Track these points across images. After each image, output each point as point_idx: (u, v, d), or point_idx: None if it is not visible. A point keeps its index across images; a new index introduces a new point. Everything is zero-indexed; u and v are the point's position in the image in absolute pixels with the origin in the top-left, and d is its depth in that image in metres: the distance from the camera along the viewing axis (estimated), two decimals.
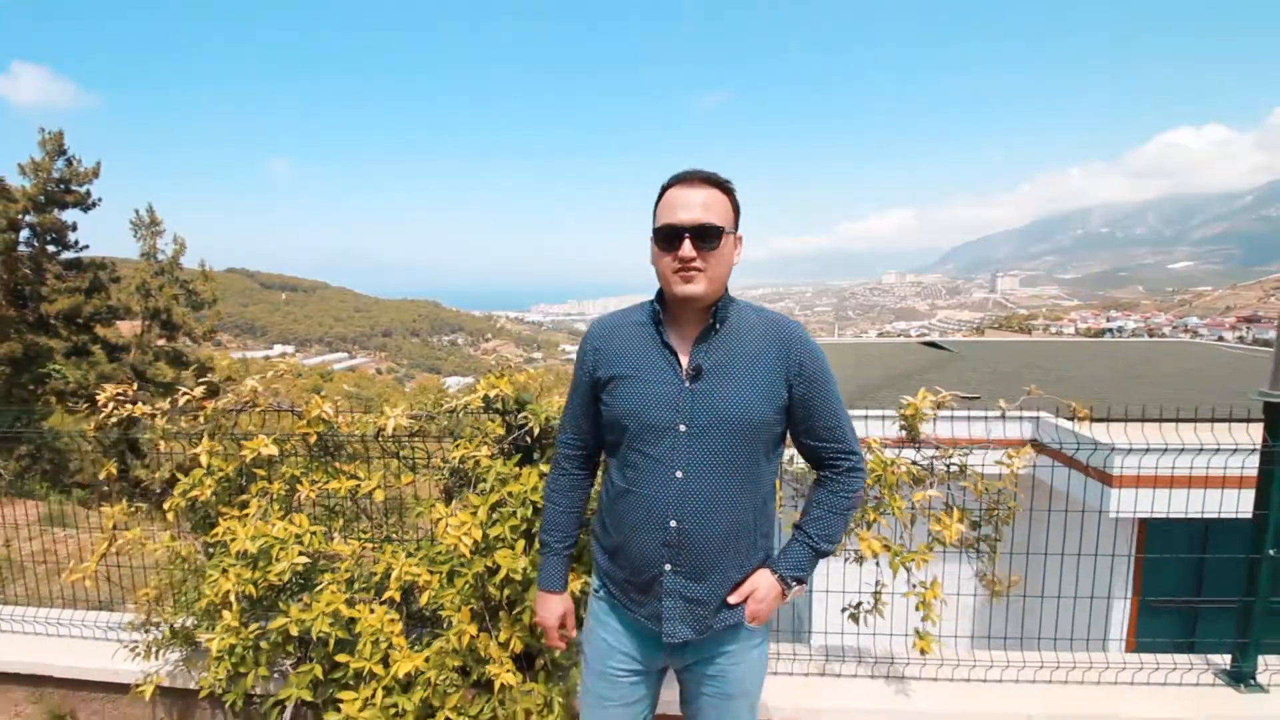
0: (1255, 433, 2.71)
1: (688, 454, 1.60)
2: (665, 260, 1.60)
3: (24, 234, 19.05)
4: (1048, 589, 2.92)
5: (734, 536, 1.64)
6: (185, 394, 2.57)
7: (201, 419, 2.55)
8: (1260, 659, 2.69)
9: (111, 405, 2.58)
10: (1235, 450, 2.70)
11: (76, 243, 20.32)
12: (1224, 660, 2.75)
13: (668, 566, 1.64)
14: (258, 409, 2.65)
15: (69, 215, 19.50)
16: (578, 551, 2.17)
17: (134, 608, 2.75)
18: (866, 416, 3.13)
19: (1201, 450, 2.81)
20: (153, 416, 2.61)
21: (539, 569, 1.91)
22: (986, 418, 9.34)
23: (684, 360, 1.64)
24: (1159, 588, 5.42)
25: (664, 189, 1.64)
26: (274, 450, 2.53)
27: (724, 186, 1.62)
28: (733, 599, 1.67)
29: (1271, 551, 2.55)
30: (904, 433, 2.46)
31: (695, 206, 1.56)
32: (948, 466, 2.52)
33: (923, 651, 2.38)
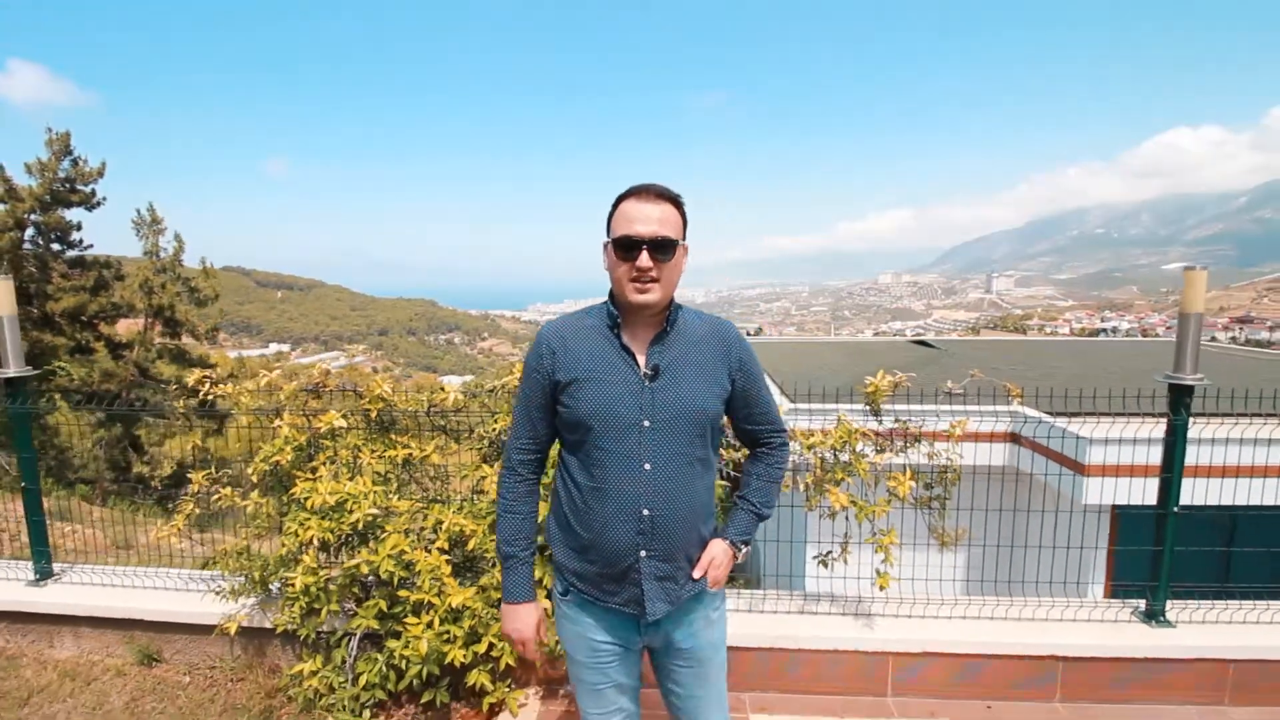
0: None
1: (653, 447, 1.69)
2: (622, 269, 1.68)
3: (29, 233, 19.47)
4: (1031, 544, 3.45)
5: (694, 516, 1.76)
6: (265, 378, 3.06)
7: (281, 397, 3.04)
8: (1175, 602, 3.21)
9: (207, 385, 3.06)
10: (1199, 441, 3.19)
11: (81, 241, 20.73)
12: (1143, 603, 3.26)
13: (643, 553, 1.72)
14: (326, 389, 3.14)
15: (74, 214, 19.91)
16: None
17: (218, 562, 3.24)
18: (837, 404, 3.64)
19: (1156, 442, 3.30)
20: (239, 395, 3.10)
21: (506, 584, 1.87)
22: (966, 411, 9.89)
23: (641, 361, 1.72)
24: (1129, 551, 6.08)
25: (619, 200, 1.71)
26: (343, 423, 3.02)
27: (675, 201, 1.71)
28: (696, 573, 1.79)
29: (1175, 509, 3.06)
30: (868, 407, 2.96)
31: (652, 220, 1.65)
32: (905, 437, 3.02)
33: (881, 587, 2.89)
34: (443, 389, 3.10)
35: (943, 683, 3.03)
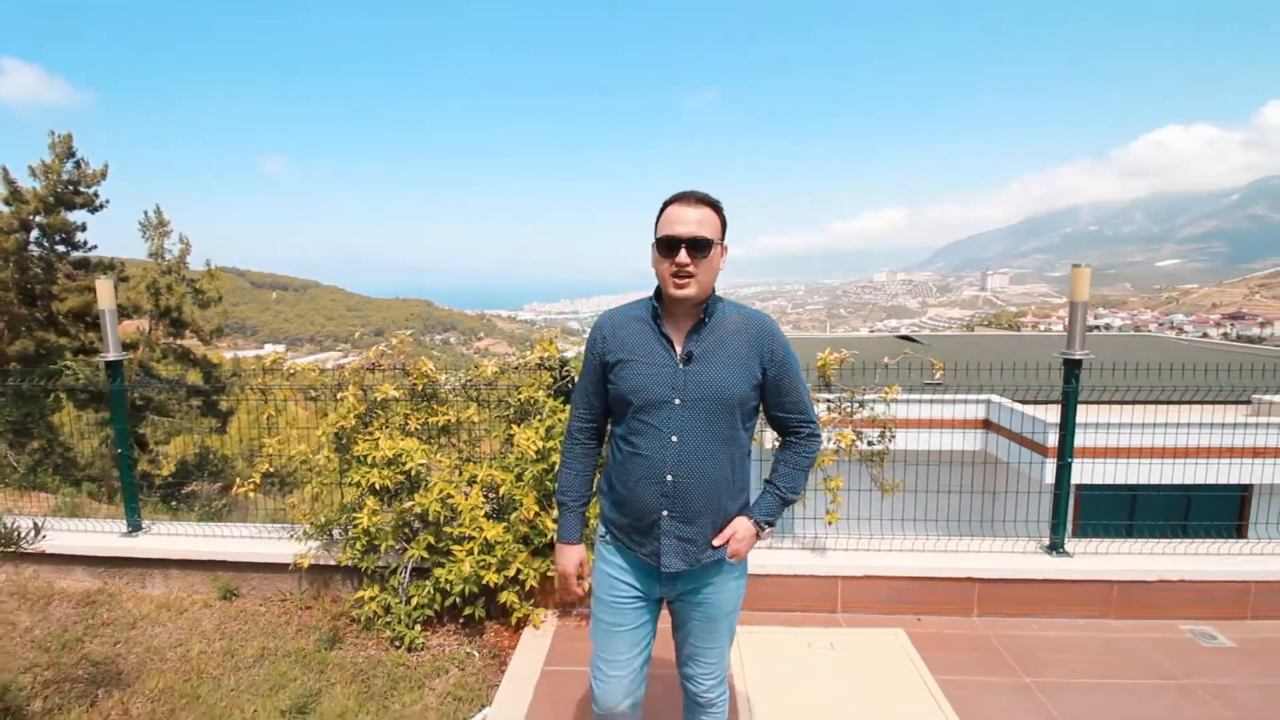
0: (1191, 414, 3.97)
1: (681, 422, 1.89)
2: (664, 265, 1.88)
3: (34, 234, 20.08)
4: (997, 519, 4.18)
5: (716, 487, 1.93)
6: (330, 358, 3.75)
7: (346, 373, 3.74)
8: (1078, 541, 3.93)
9: (275, 364, 3.76)
10: (1155, 425, 3.91)
11: (85, 243, 21.33)
12: (1047, 539, 3.97)
13: (665, 513, 1.93)
14: (380, 368, 3.84)
15: (77, 216, 20.54)
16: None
17: (292, 511, 3.93)
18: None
19: (1123, 426, 4.01)
20: (309, 372, 3.80)
21: (558, 525, 2.16)
22: (943, 400, 10.69)
23: (678, 348, 1.93)
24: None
25: (665, 205, 1.91)
26: (396, 394, 3.73)
27: (715, 205, 1.90)
28: (716, 542, 1.96)
29: (1069, 460, 3.78)
30: (820, 377, 3.68)
31: (691, 222, 1.85)
32: (852, 402, 3.74)
33: (830, 522, 3.61)
34: (477, 366, 3.81)
35: (881, 601, 3.74)
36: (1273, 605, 3.70)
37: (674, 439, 1.89)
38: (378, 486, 3.58)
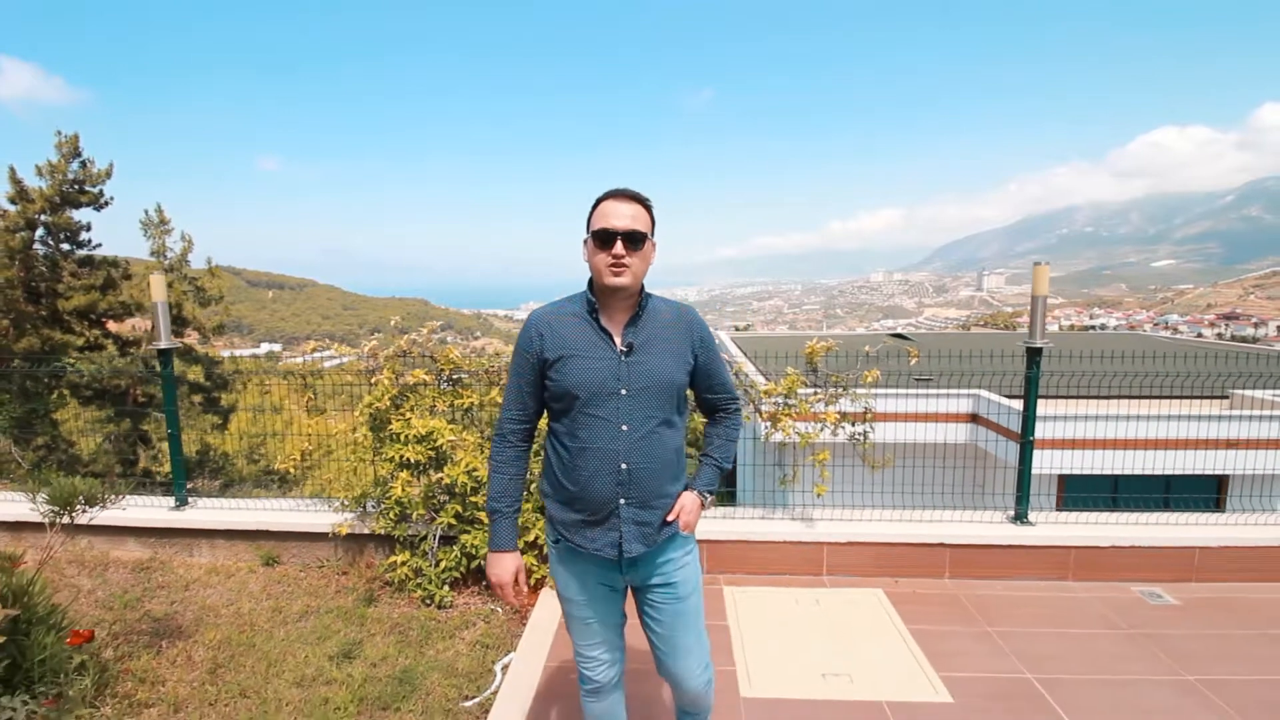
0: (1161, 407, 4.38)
1: (629, 411, 1.96)
2: (600, 257, 1.94)
3: (39, 232, 20.42)
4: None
5: (665, 470, 2.03)
6: (368, 346, 4.17)
7: (381, 358, 4.15)
8: (1041, 513, 4.36)
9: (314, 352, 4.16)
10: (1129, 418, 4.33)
11: (89, 241, 21.69)
12: (1013, 510, 4.39)
13: (622, 501, 1.99)
14: (410, 355, 4.25)
15: (82, 215, 20.89)
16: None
17: (330, 484, 4.34)
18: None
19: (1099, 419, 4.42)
20: (343, 358, 4.20)
21: (491, 534, 2.10)
22: (930, 394, 11.17)
23: (618, 340, 1.99)
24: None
25: (599, 201, 1.98)
26: (425, 379, 4.13)
27: (645, 203, 1.99)
28: (670, 518, 2.05)
29: (1031, 438, 4.20)
30: (808, 364, 4.09)
31: (625, 216, 1.92)
32: (837, 385, 4.16)
33: (819, 494, 4.02)
34: (496, 354, 4.22)
35: (862, 564, 4.16)
36: (1214, 568, 4.12)
37: (624, 428, 1.95)
38: (410, 461, 3.99)
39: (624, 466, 1.96)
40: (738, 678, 3.18)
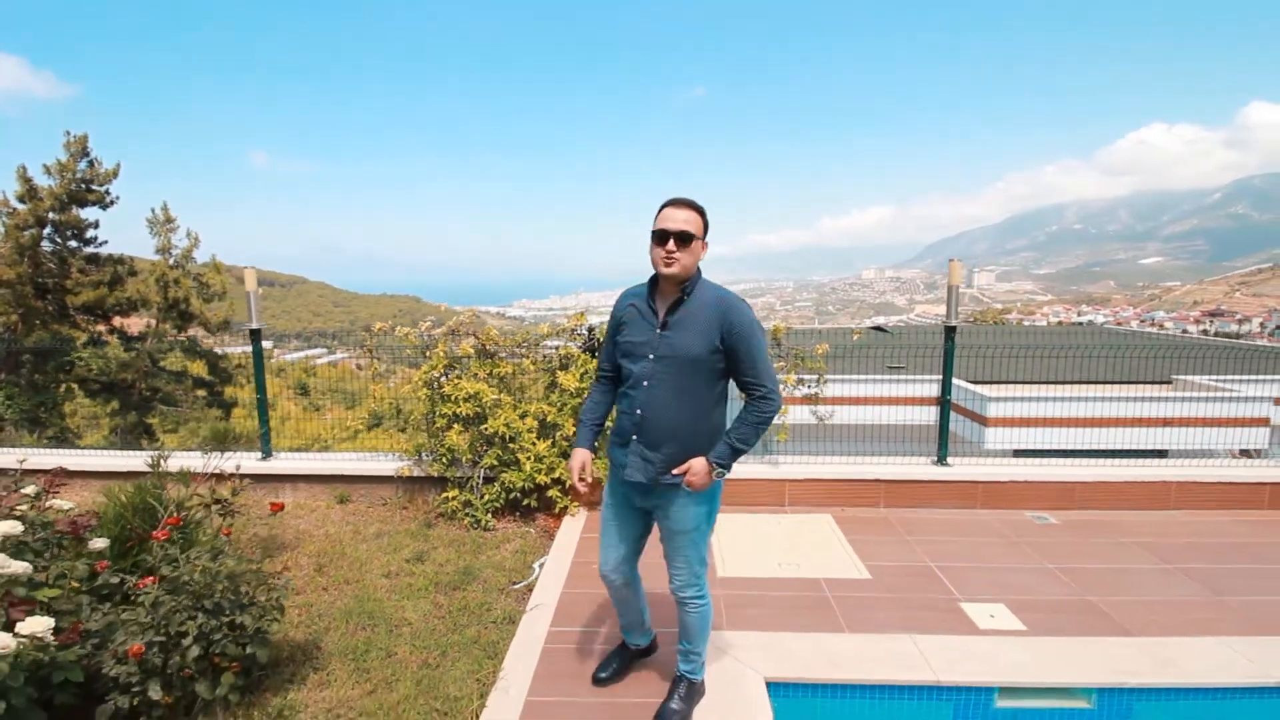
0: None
1: (653, 373, 2.49)
2: (656, 251, 2.41)
3: (47, 230, 21.26)
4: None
5: (674, 425, 2.49)
6: (424, 325, 5.27)
7: (437, 334, 5.25)
8: (956, 458, 5.50)
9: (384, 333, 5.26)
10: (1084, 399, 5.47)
11: (96, 239, 22.49)
12: (934, 455, 5.52)
13: (634, 437, 2.55)
14: (458, 334, 5.35)
15: (89, 213, 21.66)
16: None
17: (396, 435, 5.42)
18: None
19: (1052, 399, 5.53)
20: (408, 336, 5.30)
21: (575, 434, 2.89)
22: (902, 381, 12.41)
23: (660, 316, 2.51)
24: None
25: (662, 207, 2.45)
26: (471, 352, 5.24)
27: (699, 209, 2.45)
28: (675, 471, 2.51)
29: (948, 397, 5.34)
30: (773, 339, 5.21)
31: (678, 220, 2.40)
32: (797, 357, 5.29)
33: (780, 439, 5.15)
34: (526, 332, 5.34)
35: (816, 496, 5.30)
36: (1092, 498, 5.27)
37: (645, 384, 2.51)
38: (461, 415, 5.09)
39: (639, 413, 2.53)
40: (715, 565, 4.30)
